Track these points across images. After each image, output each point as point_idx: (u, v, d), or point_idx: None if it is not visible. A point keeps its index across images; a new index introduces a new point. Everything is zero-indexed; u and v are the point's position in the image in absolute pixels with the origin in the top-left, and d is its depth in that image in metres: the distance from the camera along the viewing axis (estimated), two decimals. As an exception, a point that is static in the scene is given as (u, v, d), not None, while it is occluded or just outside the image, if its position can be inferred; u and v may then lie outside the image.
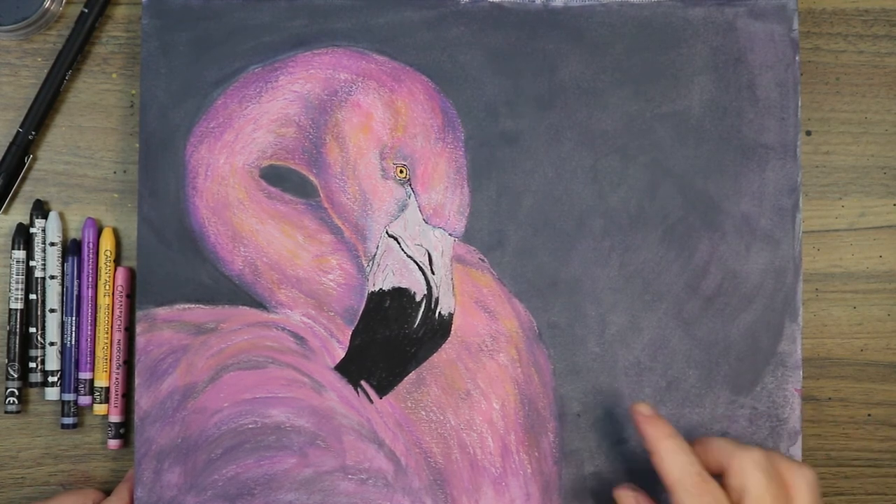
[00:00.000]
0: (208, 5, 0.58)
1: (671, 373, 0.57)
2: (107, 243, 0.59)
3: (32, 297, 0.59)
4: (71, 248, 0.59)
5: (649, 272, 0.58)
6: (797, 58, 0.58)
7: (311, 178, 0.58)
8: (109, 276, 0.59)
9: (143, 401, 0.56)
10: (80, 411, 0.59)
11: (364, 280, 0.57)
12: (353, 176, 0.57)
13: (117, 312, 0.59)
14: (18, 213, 0.60)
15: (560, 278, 0.57)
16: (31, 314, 0.59)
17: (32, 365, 0.59)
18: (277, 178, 0.58)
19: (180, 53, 0.58)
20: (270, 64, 0.58)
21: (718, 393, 0.57)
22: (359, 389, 0.57)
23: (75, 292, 0.59)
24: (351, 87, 0.58)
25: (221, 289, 0.57)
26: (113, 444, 0.58)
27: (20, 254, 0.59)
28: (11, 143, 0.59)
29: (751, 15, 0.58)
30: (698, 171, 0.58)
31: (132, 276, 0.59)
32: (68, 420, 0.59)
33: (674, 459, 0.50)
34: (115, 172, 0.60)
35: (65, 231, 0.60)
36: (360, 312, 0.57)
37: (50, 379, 0.59)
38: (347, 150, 0.57)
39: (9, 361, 0.59)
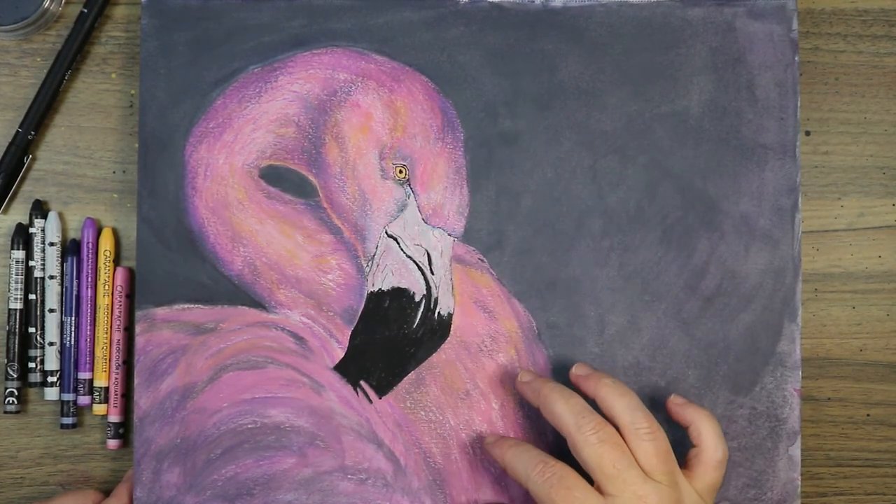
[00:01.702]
0: (207, 5, 0.58)
1: (670, 373, 0.57)
2: (106, 243, 0.59)
3: (32, 297, 0.59)
4: (70, 248, 0.59)
5: (648, 272, 0.58)
6: (796, 58, 0.58)
7: (311, 178, 0.58)
8: (109, 276, 0.59)
9: (142, 401, 0.56)
10: (79, 411, 0.59)
11: (363, 280, 0.57)
12: (352, 176, 0.57)
13: (116, 312, 0.59)
14: (18, 213, 0.60)
15: (559, 278, 0.57)
16: (30, 314, 0.59)
17: (32, 365, 0.59)
18: (277, 178, 0.58)
19: (179, 53, 0.58)
20: (270, 64, 0.58)
21: (717, 393, 0.57)
22: (358, 389, 0.57)
23: (74, 292, 0.59)
24: (350, 87, 0.58)
25: (221, 289, 0.57)
26: (112, 444, 0.58)
27: (19, 254, 0.59)
28: (11, 143, 0.59)
29: (750, 15, 0.58)
30: (697, 171, 0.58)
31: (131, 276, 0.59)
32: (67, 420, 0.59)
33: (518, 461, 0.52)
34: (114, 172, 0.60)
35: (64, 231, 0.60)
36: (360, 312, 0.57)
37: (49, 379, 0.59)
38: (347, 151, 0.58)
39: (8, 361, 0.59)
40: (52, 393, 0.59)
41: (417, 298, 0.57)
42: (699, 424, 0.53)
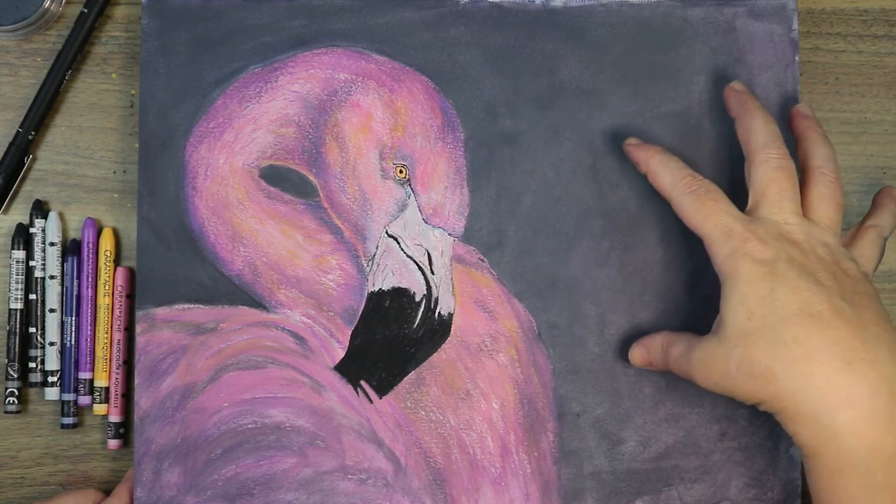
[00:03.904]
0: (208, 5, 0.58)
1: (671, 373, 0.57)
2: (106, 243, 0.59)
3: (32, 297, 0.59)
4: (71, 248, 0.59)
5: (649, 272, 0.58)
6: (796, 58, 0.58)
7: (311, 178, 0.58)
8: (109, 276, 0.59)
9: (142, 401, 0.56)
10: (79, 411, 0.59)
11: (364, 280, 0.57)
12: (352, 176, 0.57)
13: (117, 312, 0.59)
14: (18, 213, 0.60)
15: (559, 278, 0.58)
16: (30, 314, 0.59)
17: (32, 365, 0.59)
18: (277, 178, 0.58)
19: (180, 53, 0.58)
20: (270, 64, 0.58)
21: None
22: (358, 389, 0.57)
23: (75, 292, 0.59)
24: (350, 87, 0.58)
25: (221, 289, 0.57)
26: (113, 444, 0.58)
27: (20, 254, 0.59)
28: (11, 143, 0.59)
29: (750, 15, 0.58)
30: (698, 171, 0.58)
31: (132, 276, 0.59)
32: (68, 420, 0.59)
33: (664, 169, 0.52)
34: (114, 172, 0.60)
35: (64, 231, 0.60)
36: (360, 312, 0.57)
37: (49, 379, 0.59)
38: (347, 150, 0.58)
39: (8, 361, 0.59)
40: (52, 393, 0.59)
41: (418, 298, 0.57)
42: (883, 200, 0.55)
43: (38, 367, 0.59)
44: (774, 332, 0.47)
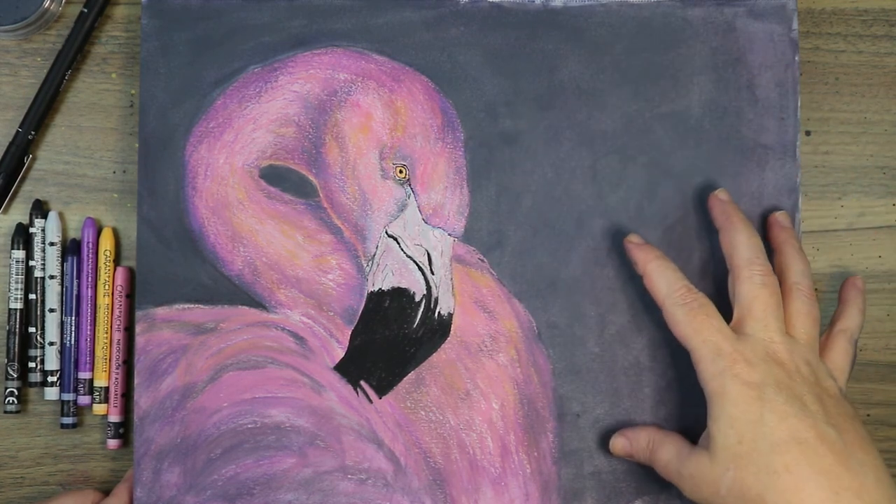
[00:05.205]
0: (208, 5, 0.58)
1: (670, 373, 0.57)
2: (106, 243, 0.59)
3: (32, 296, 0.59)
4: (70, 248, 0.59)
5: (649, 272, 0.58)
6: (796, 58, 0.58)
7: (311, 178, 0.58)
8: (109, 276, 0.59)
9: (142, 401, 0.56)
10: (79, 411, 0.59)
11: (363, 280, 0.57)
12: (352, 176, 0.57)
13: (117, 312, 0.59)
14: (18, 212, 0.60)
15: (559, 278, 0.57)
16: (30, 314, 0.59)
17: (32, 365, 0.59)
18: (277, 178, 0.58)
19: (180, 53, 0.58)
20: (270, 64, 0.58)
21: None
22: (358, 389, 0.57)
23: (75, 292, 0.59)
24: (350, 87, 0.58)
25: (221, 289, 0.57)
26: (112, 443, 0.58)
27: (20, 254, 0.59)
28: (11, 143, 0.59)
29: (750, 15, 0.58)
30: (697, 171, 0.58)
31: (132, 275, 0.59)
32: (68, 420, 0.59)
33: (661, 276, 0.53)
34: (114, 172, 0.60)
35: (64, 231, 0.60)
36: (360, 312, 0.57)
37: (49, 379, 0.59)
38: (347, 150, 0.58)
39: (8, 361, 0.59)
40: (52, 393, 0.59)
41: (417, 298, 0.57)
42: (847, 293, 0.56)
43: (38, 367, 0.59)
44: (765, 459, 0.48)
